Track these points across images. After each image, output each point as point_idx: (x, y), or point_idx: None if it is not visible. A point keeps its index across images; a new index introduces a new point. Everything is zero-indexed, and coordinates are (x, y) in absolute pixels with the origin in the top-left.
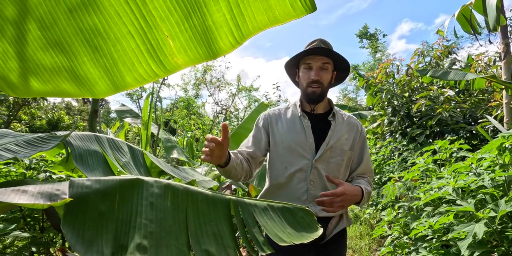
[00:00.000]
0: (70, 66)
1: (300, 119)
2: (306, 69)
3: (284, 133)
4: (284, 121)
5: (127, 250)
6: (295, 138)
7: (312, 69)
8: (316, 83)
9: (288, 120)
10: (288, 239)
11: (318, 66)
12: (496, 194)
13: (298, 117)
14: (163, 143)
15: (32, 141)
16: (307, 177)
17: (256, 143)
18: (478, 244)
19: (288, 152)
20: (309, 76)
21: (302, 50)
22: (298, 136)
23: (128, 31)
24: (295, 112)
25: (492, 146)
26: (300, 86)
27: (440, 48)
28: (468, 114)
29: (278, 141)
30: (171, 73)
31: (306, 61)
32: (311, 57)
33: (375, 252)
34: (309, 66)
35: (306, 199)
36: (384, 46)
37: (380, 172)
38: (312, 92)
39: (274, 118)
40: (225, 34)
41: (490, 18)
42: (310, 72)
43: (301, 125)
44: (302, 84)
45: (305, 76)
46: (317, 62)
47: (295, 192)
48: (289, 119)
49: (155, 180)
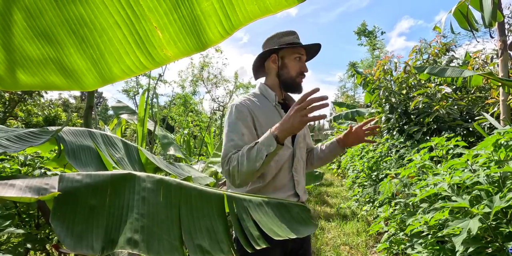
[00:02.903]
0: (57, 57)
1: (276, 109)
2: (297, 60)
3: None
4: (265, 113)
5: (118, 244)
6: None
7: (302, 61)
8: (304, 75)
9: (267, 112)
10: (283, 234)
11: (305, 60)
12: (491, 190)
13: (274, 106)
14: (160, 139)
15: (23, 136)
16: (291, 165)
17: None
18: (472, 240)
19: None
20: (300, 67)
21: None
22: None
23: (114, 21)
24: (269, 101)
25: (488, 143)
26: (286, 74)
27: (438, 46)
28: (465, 111)
29: None
30: (160, 65)
31: (301, 52)
32: (303, 50)
33: (372, 249)
34: (300, 58)
35: (293, 186)
36: (382, 44)
37: (377, 169)
38: (299, 82)
39: (256, 111)
40: (213, 24)
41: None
42: (301, 64)
43: (278, 115)
44: (291, 72)
45: (297, 66)
46: (305, 56)
47: (282, 181)
48: (268, 110)
49: (148, 175)
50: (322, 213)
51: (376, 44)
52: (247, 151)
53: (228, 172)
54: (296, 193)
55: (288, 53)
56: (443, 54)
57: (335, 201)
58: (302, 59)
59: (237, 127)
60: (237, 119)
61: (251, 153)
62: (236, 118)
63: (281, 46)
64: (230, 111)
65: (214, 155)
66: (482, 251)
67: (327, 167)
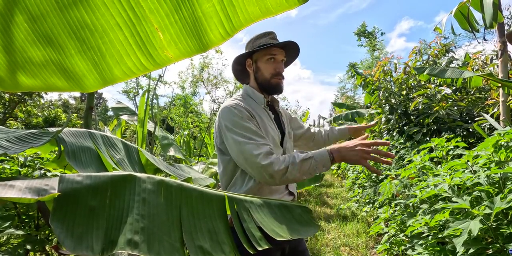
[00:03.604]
0: (58, 59)
1: (265, 111)
2: (270, 61)
3: (265, 128)
4: (259, 115)
5: (118, 245)
6: (272, 132)
7: (276, 61)
8: (280, 75)
9: (260, 113)
10: (285, 234)
11: (281, 59)
12: (491, 191)
13: (263, 108)
14: (160, 140)
15: (24, 137)
16: None
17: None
18: (473, 241)
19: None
20: (274, 68)
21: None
22: (273, 129)
23: (116, 22)
24: (258, 103)
25: (488, 144)
26: (260, 76)
27: (438, 47)
28: (465, 112)
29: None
30: (161, 67)
31: (272, 53)
32: (276, 49)
33: (372, 250)
34: (274, 58)
35: (286, 186)
36: (382, 44)
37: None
38: (277, 83)
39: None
40: (215, 25)
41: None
42: (275, 64)
43: (268, 117)
44: (264, 75)
45: (270, 67)
46: (280, 55)
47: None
48: (260, 112)
49: (148, 176)
50: (322, 214)
51: (376, 45)
52: (300, 162)
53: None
54: (290, 191)
55: (260, 55)
56: (443, 55)
57: (335, 202)
58: (276, 59)
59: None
60: (241, 119)
61: (303, 166)
62: (240, 118)
63: (254, 49)
64: (228, 113)
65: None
66: (482, 252)
67: None
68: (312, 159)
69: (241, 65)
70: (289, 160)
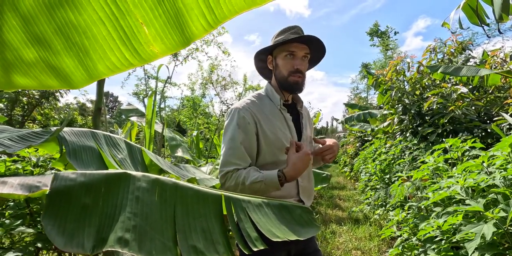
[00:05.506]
0: (46, 57)
1: (281, 112)
2: (288, 57)
3: (274, 132)
4: (269, 118)
5: (107, 243)
6: (283, 136)
7: (296, 57)
8: (299, 72)
9: (272, 116)
10: (282, 235)
11: (301, 55)
12: (508, 193)
13: (278, 109)
14: (168, 141)
15: (25, 136)
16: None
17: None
18: (488, 246)
19: (280, 152)
20: (293, 65)
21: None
22: (285, 133)
23: (98, 17)
24: (273, 103)
25: (505, 144)
26: (279, 74)
27: (454, 44)
28: (483, 112)
29: (270, 142)
30: (147, 62)
31: (290, 49)
32: (296, 45)
33: (385, 254)
34: (292, 54)
35: (297, 193)
36: (395, 44)
37: (390, 172)
38: (295, 81)
39: (259, 115)
40: (196, 17)
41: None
42: (294, 61)
43: (283, 119)
44: (282, 72)
45: (288, 64)
46: (301, 51)
47: (286, 188)
48: (272, 114)
49: (143, 175)
50: (334, 217)
51: (389, 45)
52: (250, 184)
53: (223, 186)
54: (301, 199)
55: (279, 52)
56: (459, 53)
57: (347, 205)
58: (296, 56)
59: (237, 135)
60: (238, 126)
61: (253, 187)
62: (237, 124)
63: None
64: (232, 115)
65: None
66: None
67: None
68: (262, 183)
69: (264, 62)
70: (240, 180)
